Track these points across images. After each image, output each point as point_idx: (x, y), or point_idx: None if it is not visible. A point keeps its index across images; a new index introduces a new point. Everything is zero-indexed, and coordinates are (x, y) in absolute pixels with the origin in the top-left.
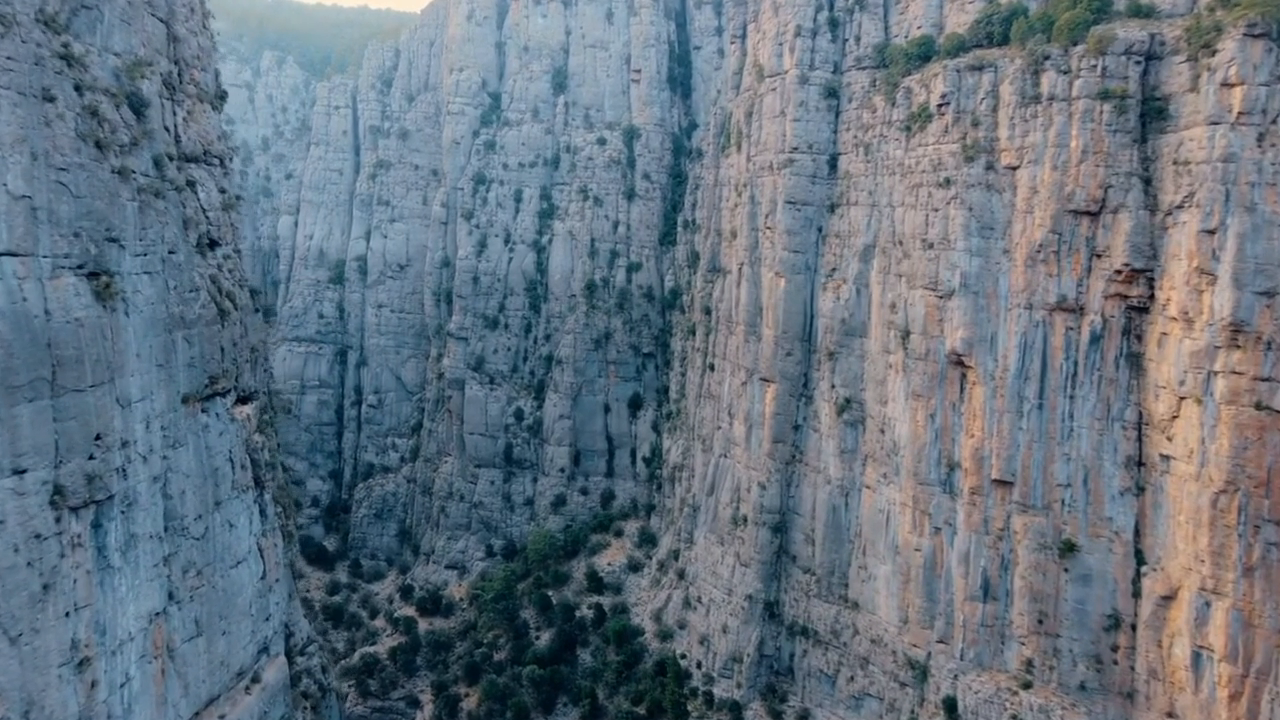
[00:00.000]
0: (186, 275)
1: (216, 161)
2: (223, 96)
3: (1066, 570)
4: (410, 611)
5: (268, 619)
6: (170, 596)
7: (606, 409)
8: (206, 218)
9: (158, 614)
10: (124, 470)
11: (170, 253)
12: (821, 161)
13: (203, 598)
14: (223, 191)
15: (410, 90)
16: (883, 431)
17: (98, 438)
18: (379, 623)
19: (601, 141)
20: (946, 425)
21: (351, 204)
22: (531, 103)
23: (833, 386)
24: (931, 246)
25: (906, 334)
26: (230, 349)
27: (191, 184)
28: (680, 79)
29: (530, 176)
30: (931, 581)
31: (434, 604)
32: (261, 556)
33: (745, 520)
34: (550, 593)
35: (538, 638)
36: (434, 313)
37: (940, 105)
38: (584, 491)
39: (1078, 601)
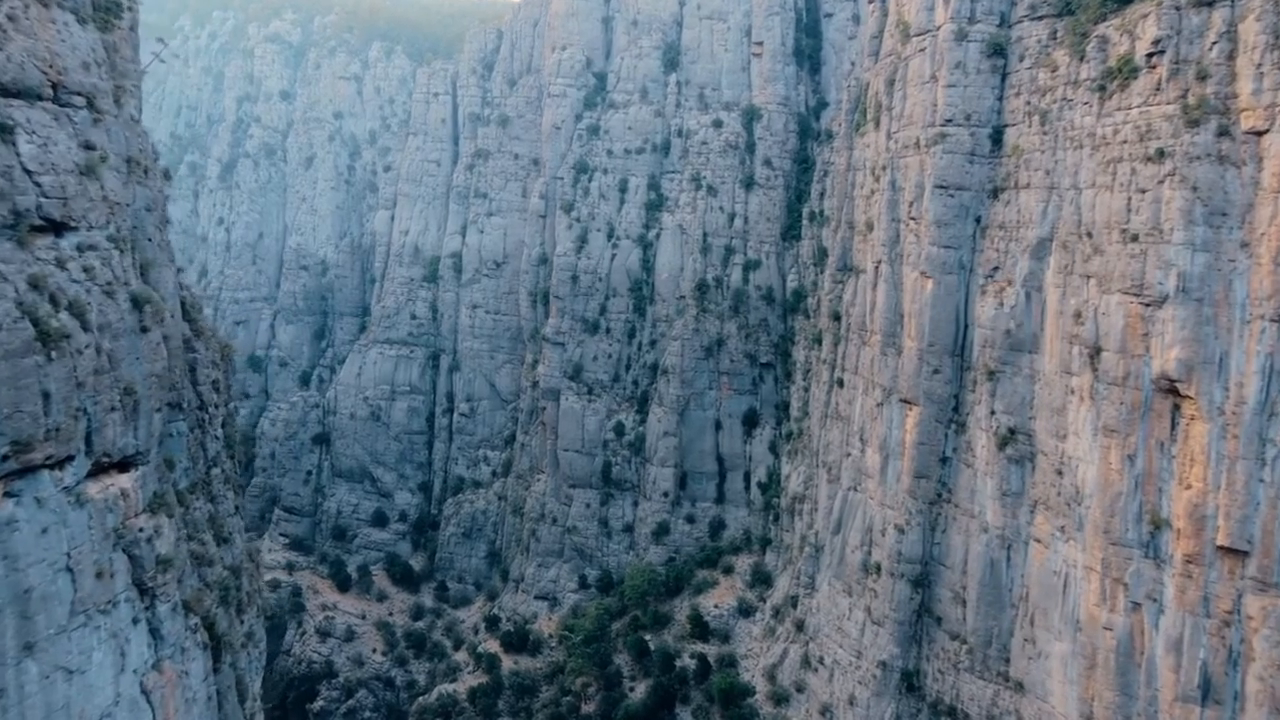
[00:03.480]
0: None
1: (81, 102)
2: (113, 9)
3: None
4: (495, 646)
5: None
6: None
7: (717, 426)
8: (36, 185)
9: None
10: None
11: None
12: (982, 135)
13: None
14: (89, 148)
15: (512, 74)
16: (1060, 473)
17: None
18: (461, 655)
19: (717, 124)
20: (1151, 471)
21: (448, 197)
22: (640, 82)
23: (992, 413)
24: (1135, 239)
25: (1096, 351)
26: (70, 393)
27: (6, 129)
28: (808, 52)
29: (637, 164)
30: (1128, 671)
31: (520, 640)
32: (149, 701)
33: (878, 569)
34: (648, 636)
35: (632, 688)
36: (530, 315)
37: (1151, 55)
38: (690, 519)
39: None
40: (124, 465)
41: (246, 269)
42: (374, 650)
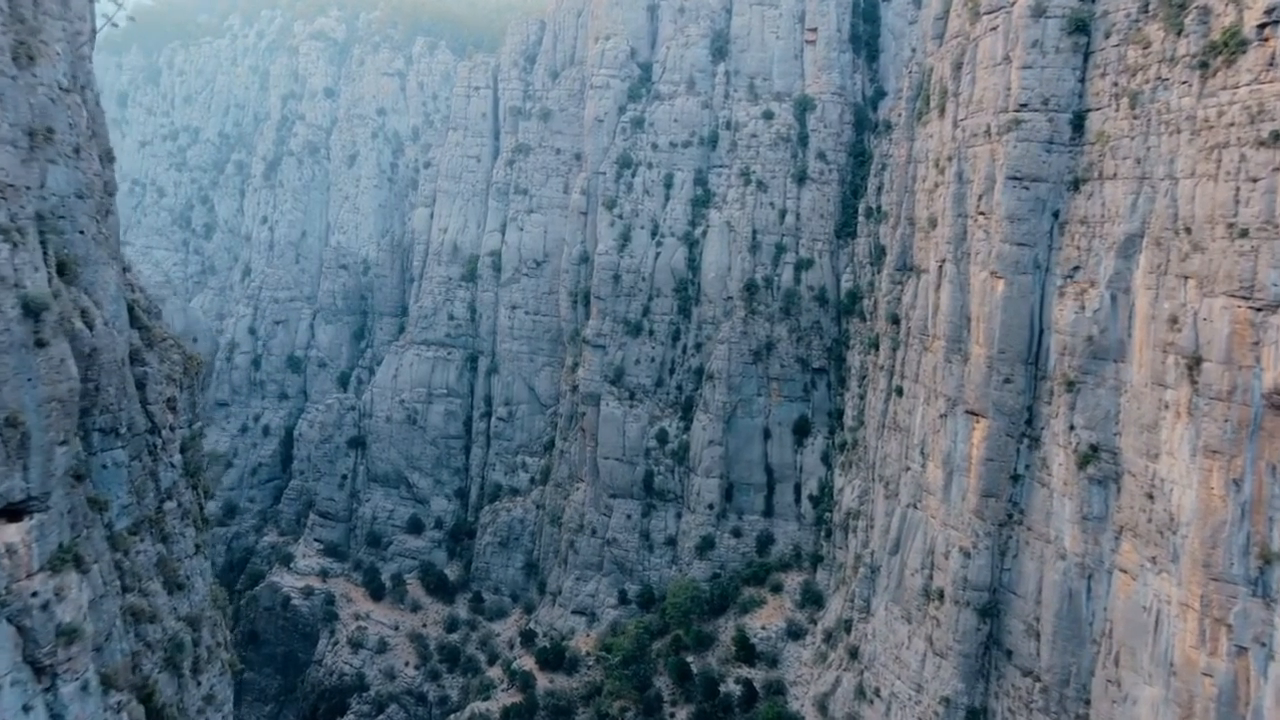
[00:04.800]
0: None
1: None
2: None
3: None
4: (530, 664)
5: None
6: None
7: (766, 434)
8: None
9: None
10: None
11: None
12: (1061, 121)
13: None
14: None
15: (554, 66)
16: (1150, 497)
17: None
18: (495, 672)
19: (768, 115)
20: (1261, 498)
21: (488, 193)
22: (686, 72)
23: (1071, 428)
24: (1245, 234)
25: (1196, 361)
26: None
27: None
28: (865, 38)
29: (683, 158)
30: None
31: (556, 657)
32: None
33: (941, 595)
34: (690, 658)
35: (672, 714)
36: (570, 316)
37: (1263, 26)
38: (736, 533)
39: None
40: (14, 514)
41: (289, 268)
42: (406, 663)
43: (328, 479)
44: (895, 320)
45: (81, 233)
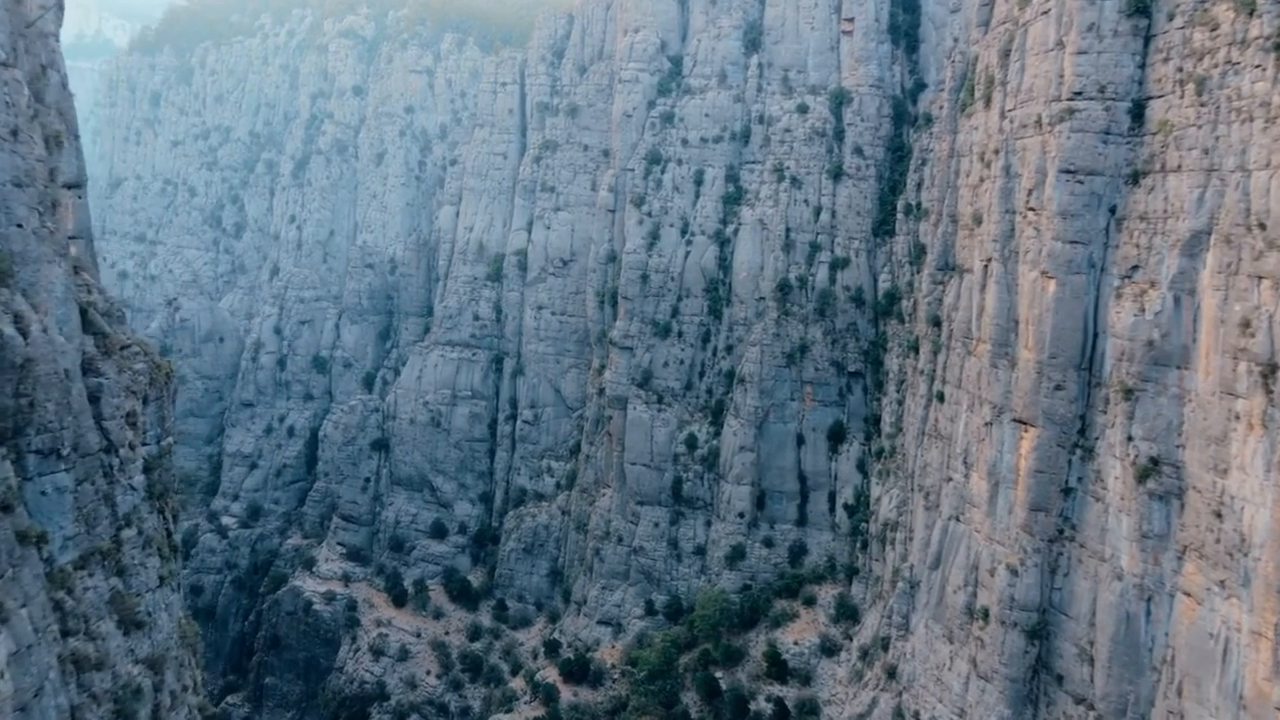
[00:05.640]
0: None
1: None
2: None
3: None
4: (553, 675)
5: None
6: None
7: (799, 440)
8: None
9: None
10: None
11: None
12: (1119, 110)
13: None
14: None
15: (582, 61)
16: (1219, 515)
17: None
18: (518, 683)
19: (802, 109)
20: None
21: (514, 191)
22: (718, 65)
23: (1129, 439)
24: None
25: (1271, 369)
26: None
27: None
28: (905, 28)
29: (714, 154)
30: None
31: (580, 669)
32: None
33: (986, 615)
34: (719, 674)
35: None
36: (597, 317)
37: None
38: (768, 543)
39: None
40: None
41: (316, 267)
42: (428, 672)
43: (351, 481)
44: (936, 322)
45: (19, 226)
